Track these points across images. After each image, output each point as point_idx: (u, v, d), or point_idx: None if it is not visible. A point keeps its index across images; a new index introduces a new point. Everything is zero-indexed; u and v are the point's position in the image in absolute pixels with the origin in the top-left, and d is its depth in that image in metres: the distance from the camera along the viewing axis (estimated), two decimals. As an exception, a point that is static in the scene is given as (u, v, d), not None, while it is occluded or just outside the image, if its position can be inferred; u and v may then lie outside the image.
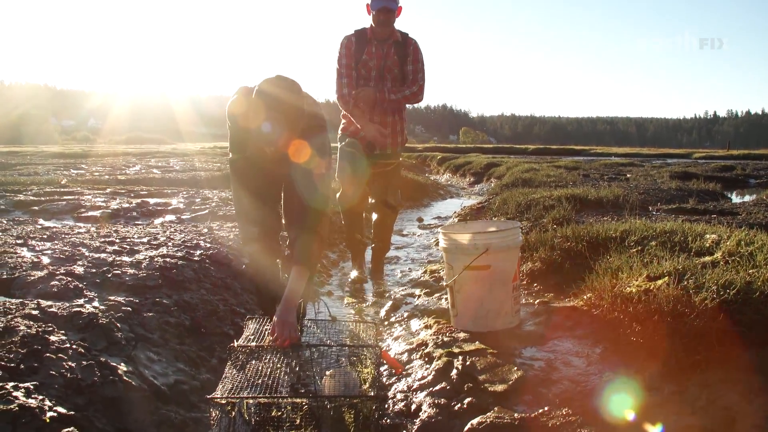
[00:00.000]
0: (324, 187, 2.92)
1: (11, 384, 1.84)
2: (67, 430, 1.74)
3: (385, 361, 2.62)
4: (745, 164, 17.54)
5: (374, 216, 4.74)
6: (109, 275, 3.09)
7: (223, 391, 2.13)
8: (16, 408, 1.71)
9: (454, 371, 2.54)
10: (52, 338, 2.22)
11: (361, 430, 2.21)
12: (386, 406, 2.43)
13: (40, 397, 1.84)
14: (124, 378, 2.20)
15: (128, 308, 2.74)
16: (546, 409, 2.15)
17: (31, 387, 1.87)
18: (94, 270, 3.15)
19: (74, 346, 2.22)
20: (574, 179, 9.80)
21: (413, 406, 2.43)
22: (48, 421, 1.74)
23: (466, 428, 2.14)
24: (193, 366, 2.65)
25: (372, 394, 2.28)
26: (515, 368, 2.49)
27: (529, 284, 3.66)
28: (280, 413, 2.27)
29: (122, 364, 2.29)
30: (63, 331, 2.32)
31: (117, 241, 4.00)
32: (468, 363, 2.57)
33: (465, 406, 2.30)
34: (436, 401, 2.38)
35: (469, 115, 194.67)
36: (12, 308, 2.44)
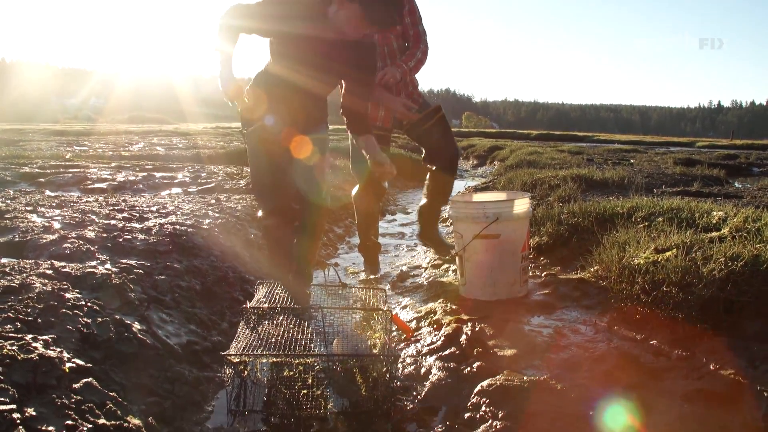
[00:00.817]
0: (324, 182, 2.99)
1: (30, 336, 1.86)
2: (85, 380, 1.77)
3: (395, 325, 2.65)
4: (749, 153, 17.51)
5: (433, 167, 4.00)
6: (120, 240, 3.11)
7: (236, 349, 2.16)
8: (36, 357, 1.74)
9: (464, 337, 2.56)
10: (68, 296, 2.24)
11: (371, 390, 2.24)
12: (396, 369, 2.45)
13: (59, 349, 1.86)
14: (139, 336, 2.23)
15: (140, 271, 2.76)
16: (555, 372, 2.18)
17: (50, 339, 1.89)
18: (104, 235, 3.17)
19: (89, 304, 2.25)
20: (578, 162, 9.79)
21: (423, 370, 2.45)
22: (67, 371, 1.76)
23: (476, 390, 2.16)
24: (204, 328, 2.68)
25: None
26: (524, 335, 2.51)
27: (536, 258, 3.68)
28: (291, 373, 2.31)
29: (136, 322, 2.31)
30: (77, 290, 2.35)
31: (126, 209, 4.02)
32: (477, 329, 2.59)
33: (474, 369, 2.32)
34: (445, 365, 2.41)
35: (472, 100, 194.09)
36: (26, 267, 2.47)
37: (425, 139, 3.93)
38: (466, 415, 2.09)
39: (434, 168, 3.94)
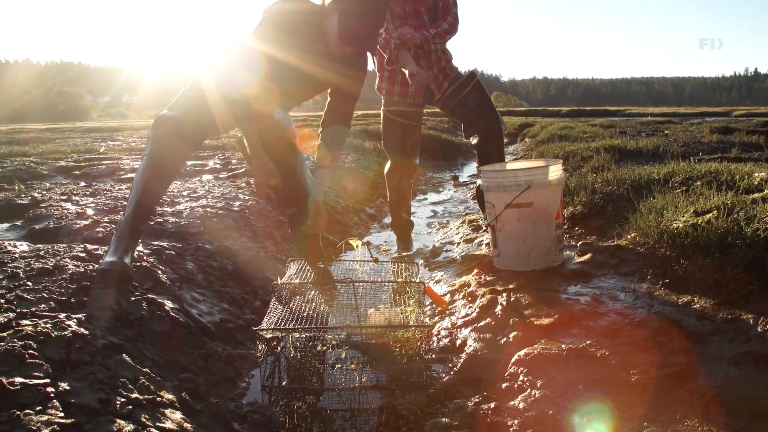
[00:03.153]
0: (327, 179, 2.81)
1: (63, 314, 1.87)
2: (118, 356, 1.77)
3: (429, 298, 2.61)
4: (789, 120, 16.96)
5: (475, 140, 3.83)
6: (152, 223, 3.12)
7: (268, 324, 2.15)
8: (70, 334, 1.74)
9: (499, 307, 2.52)
10: (100, 276, 2.25)
11: (406, 363, 2.22)
12: (431, 341, 2.42)
13: (92, 326, 1.87)
14: (171, 314, 2.23)
15: (172, 252, 2.77)
16: (594, 340, 2.12)
17: (83, 318, 1.90)
18: (136, 219, 3.19)
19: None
20: (611, 135, 9.60)
21: (458, 342, 2.42)
22: (100, 347, 1.77)
23: (513, 360, 2.12)
24: (237, 307, 2.68)
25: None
26: (561, 303, 2.45)
27: (571, 228, 3.60)
28: (325, 347, 2.29)
29: (168, 301, 2.32)
30: (110, 271, 2.36)
31: (157, 194, 4.05)
32: (513, 299, 2.54)
33: (511, 339, 2.28)
34: (481, 336, 2.36)
35: (500, 80, 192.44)
36: (60, 251, 2.49)
37: (461, 109, 3.75)
38: (504, 385, 2.05)
39: (476, 141, 3.77)
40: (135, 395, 1.60)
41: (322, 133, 2.77)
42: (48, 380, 1.50)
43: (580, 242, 3.25)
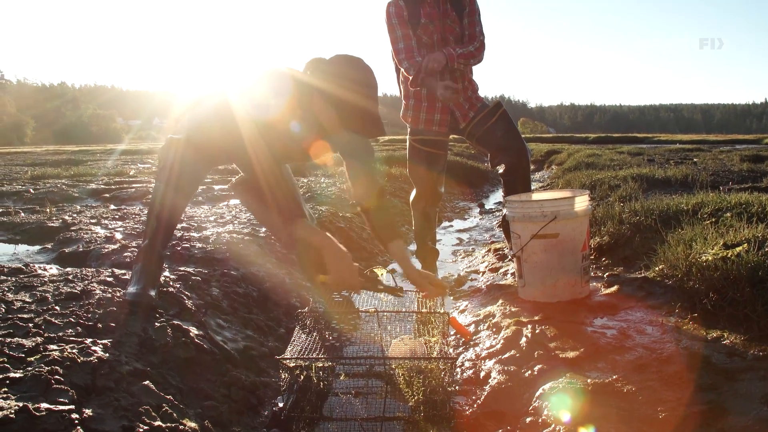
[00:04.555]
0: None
1: (90, 340, 1.90)
2: (142, 383, 1.78)
3: (453, 329, 2.59)
4: (823, 148, 16.68)
5: (501, 169, 3.84)
6: (179, 248, 3.16)
7: (292, 353, 2.15)
8: (96, 360, 1.76)
9: (524, 339, 2.49)
10: (127, 301, 2.28)
11: (429, 395, 2.20)
12: (455, 373, 2.40)
13: (117, 353, 1.89)
14: (196, 341, 2.24)
15: (198, 278, 2.79)
16: (621, 375, 2.09)
17: (108, 344, 1.92)
18: (164, 244, 3.23)
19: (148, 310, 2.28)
20: (638, 163, 9.52)
21: (482, 374, 2.39)
22: (125, 374, 1.78)
23: (537, 394, 2.09)
24: (261, 334, 2.69)
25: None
26: (587, 336, 2.42)
27: (598, 258, 3.56)
28: (348, 377, 2.28)
29: (193, 328, 2.33)
30: (137, 297, 2.39)
31: (184, 219, 4.10)
32: (538, 331, 2.51)
33: (536, 372, 2.25)
34: (505, 368, 2.34)
35: (527, 106, 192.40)
36: (88, 275, 2.53)
37: (488, 139, 3.75)
38: (528, 419, 2.02)
39: (502, 170, 3.78)
40: (158, 423, 1.61)
41: (336, 138, 2.71)
42: (73, 406, 1.51)
43: (607, 273, 3.21)
